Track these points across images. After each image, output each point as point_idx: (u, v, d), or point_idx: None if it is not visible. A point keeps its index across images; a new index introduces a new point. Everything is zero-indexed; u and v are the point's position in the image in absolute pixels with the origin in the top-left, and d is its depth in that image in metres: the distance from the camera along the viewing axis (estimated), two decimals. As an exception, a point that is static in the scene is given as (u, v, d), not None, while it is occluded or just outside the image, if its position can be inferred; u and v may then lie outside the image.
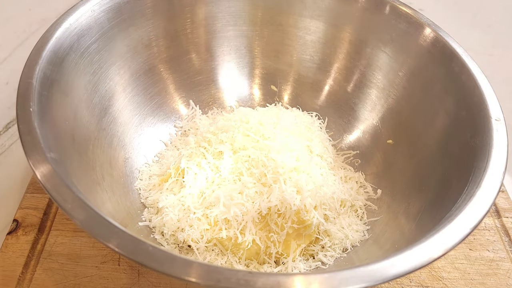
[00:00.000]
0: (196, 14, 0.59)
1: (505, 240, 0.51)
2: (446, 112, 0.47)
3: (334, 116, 0.61)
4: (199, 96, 0.63)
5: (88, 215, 0.31)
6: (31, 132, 0.35)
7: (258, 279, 0.28)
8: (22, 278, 0.45)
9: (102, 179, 0.45)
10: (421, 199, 0.46)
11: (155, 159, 0.57)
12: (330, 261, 0.47)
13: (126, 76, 0.54)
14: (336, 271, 0.30)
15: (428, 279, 0.47)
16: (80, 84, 0.46)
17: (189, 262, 0.29)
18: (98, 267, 0.46)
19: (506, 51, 0.80)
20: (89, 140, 0.46)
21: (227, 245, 0.46)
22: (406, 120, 0.53)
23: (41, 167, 0.33)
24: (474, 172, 0.39)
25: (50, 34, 0.43)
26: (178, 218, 0.47)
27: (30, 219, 0.50)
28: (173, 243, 0.47)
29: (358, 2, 0.56)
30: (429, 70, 0.50)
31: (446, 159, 0.45)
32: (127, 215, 0.47)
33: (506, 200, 0.55)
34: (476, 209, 0.34)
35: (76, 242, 0.48)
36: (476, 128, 0.42)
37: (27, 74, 0.39)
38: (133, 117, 0.55)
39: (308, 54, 0.62)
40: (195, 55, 0.61)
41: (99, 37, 0.48)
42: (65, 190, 0.32)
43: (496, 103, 0.42)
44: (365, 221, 0.51)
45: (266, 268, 0.46)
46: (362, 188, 0.55)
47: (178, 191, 0.49)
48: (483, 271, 0.48)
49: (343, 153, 0.59)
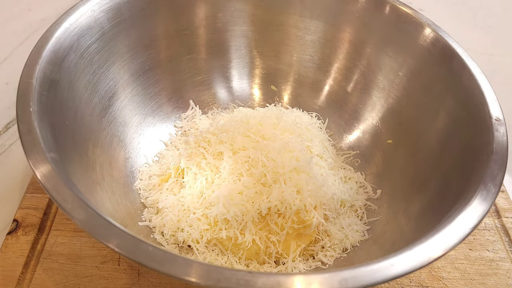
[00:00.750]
0: (196, 14, 0.59)
1: (505, 240, 0.51)
2: (446, 112, 0.47)
3: (334, 116, 0.61)
4: (199, 96, 0.63)
5: (88, 215, 0.31)
6: (31, 132, 0.35)
7: (258, 279, 0.28)
8: (22, 278, 0.45)
9: (102, 179, 0.45)
10: (421, 199, 0.46)
11: (155, 159, 0.57)
12: (330, 261, 0.47)
13: (126, 76, 0.54)
14: (336, 271, 0.29)
15: (428, 279, 0.47)
16: (80, 84, 0.46)
17: (189, 262, 0.29)
18: (98, 267, 0.46)
19: (506, 51, 0.80)
20: (89, 140, 0.46)
21: (227, 245, 0.46)
22: (406, 120, 0.53)
23: (41, 167, 0.33)
24: (474, 172, 0.39)
25: (50, 34, 0.43)
26: (178, 218, 0.47)
27: (30, 219, 0.50)
28: (173, 243, 0.47)
29: (358, 2, 0.56)
30: (429, 70, 0.50)
31: (446, 159, 0.45)
32: (127, 215, 0.47)
33: (506, 200, 0.55)
34: (476, 209, 0.34)
35: (76, 242, 0.48)
36: (476, 128, 0.42)
37: (27, 74, 0.39)
38: (133, 117, 0.55)
39: (308, 54, 0.62)
40: (195, 55, 0.61)
41: (99, 37, 0.48)
42: (65, 190, 0.32)
43: (496, 103, 0.42)
44: (365, 221, 0.51)
45: (266, 268, 0.46)
46: (362, 188, 0.55)
47: (178, 191, 0.49)
48: (483, 271, 0.48)
49: (343, 153, 0.59)
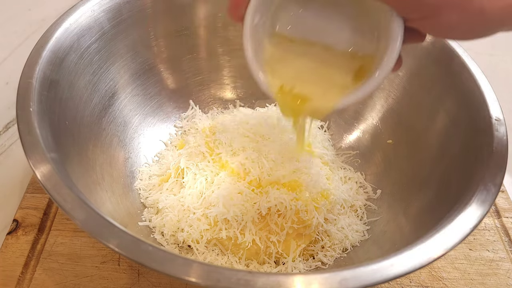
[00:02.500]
0: (196, 14, 0.59)
1: (505, 240, 0.51)
2: (446, 112, 0.47)
3: (334, 116, 0.61)
4: (199, 96, 0.63)
5: (88, 215, 0.31)
6: (31, 132, 0.35)
7: (258, 279, 0.28)
8: (22, 278, 0.45)
9: (102, 179, 0.45)
10: (421, 199, 0.46)
11: (155, 159, 0.57)
12: (330, 261, 0.47)
13: (126, 76, 0.54)
14: (336, 271, 0.29)
15: (428, 279, 0.47)
16: (80, 84, 0.46)
17: (189, 262, 0.29)
18: (98, 267, 0.46)
19: (506, 51, 0.80)
20: (89, 140, 0.46)
21: (227, 245, 0.46)
22: (406, 120, 0.53)
23: (41, 167, 0.33)
24: (474, 172, 0.39)
25: (50, 34, 0.43)
26: (178, 218, 0.47)
27: (30, 219, 0.50)
28: (173, 243, 0.47)
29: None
30: (429, 70, 0.50)
31: (446, 159, 0.45)
32: (127, 215, 0.47)
33: (506, 200, 0.55)
34: (476, 209, 0.34)
35: (76, 242, 0.48)
36: (476, 128, 0.42)
37: (27, 74, 0.39)
38: (133, 117, 0.55)
39: (308, 54, 0.62)
40: (195, 55, 0.61)
41: (99, 37, 0.48)
42: (65, 190, 0.32)
43: (496, 103, 0.42)
44: (365, 221, 0.51)
45: (266, 268, 0.46)
46: (362, 188, 0.55)
47: (178, 192, 0.49)
48: (483, 271, 0.48)
49: (343, 153, 0.59)
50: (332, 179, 0.52)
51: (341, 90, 0.33)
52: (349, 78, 0.33)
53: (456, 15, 0.26)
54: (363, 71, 0.33)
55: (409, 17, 0.28)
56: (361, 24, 0.33)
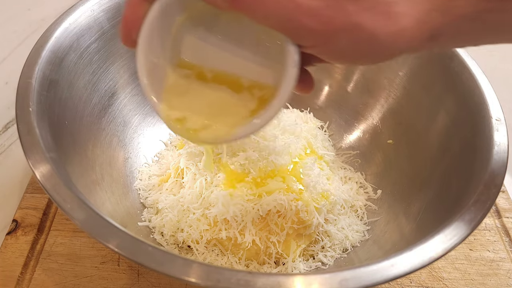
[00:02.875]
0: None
1: (505, 241, 0.51)
2: (446, 112, 0.47)
3: (334, 116, 0.61)
4: (199, 96, 0.63)
5: (87, 215, 0.31)
6: (30, 132, 0.35)
7: (258, 279, 0.28)
8: (21, 278, 0.45)
9: (101, 179, 0.45)
10: (421, 199, 0.46)
11: (155, 159, 0.57)
12: (330, 262, 0.47)
13: (126, 76, 0.54)
14: (336, 272, 0.29)
15: (429, 279, 0.47)
16: (80, 84, 0.46)
17: (189, 262, 0.29)
18: (97, 268, 0.46)
19: (506, 51, 0.80)
20: (89, 140, 0.46)
21: (227, 245, 0.46)
22: (406, 120, 0.53)
23: (41, 167, 0.33)
24: (474, 172, 0.38)
25: (49, 34, 0.43)
26: (178, 218, 0.47)
27: (29, 219, 0.49)
28: (173, 244, 0.47)
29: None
30: (429, 70, 0.50)
31: (446, 159, 0.45)
32: (126, 215, 0.47)
33: (506, 200, 0.55)
34: (476, 209, 0.34)
35: (75, 242, 0.48)
36: (476, 128, 0.42)
37: (26, 74, 0.39)
38: (133, 117, 0.55)
39: (308, 54, 0.62)
40: (195, 55, 0.61)
41: (99, 36, 0.48)
42: (65, 190, 0.32)
43: (496, 103, 0.42)
44: (365, 221, 0.51)
45: (266, 269, 0.46)
46: (362, 188, 0.55)
47: (177, 192, 0.49)
48: (483, 271, 0.48)
49: (343, 153, 0.59)
50: (333, 179, 0.52)
51: (239, 120, 0.32)
52: (252, 107, 0.33)
53: (346, 42, 0.26)
54: (265, 99, 0.32)
55: (303, 44, 0.28)
56: (264, 52, 0.32)
